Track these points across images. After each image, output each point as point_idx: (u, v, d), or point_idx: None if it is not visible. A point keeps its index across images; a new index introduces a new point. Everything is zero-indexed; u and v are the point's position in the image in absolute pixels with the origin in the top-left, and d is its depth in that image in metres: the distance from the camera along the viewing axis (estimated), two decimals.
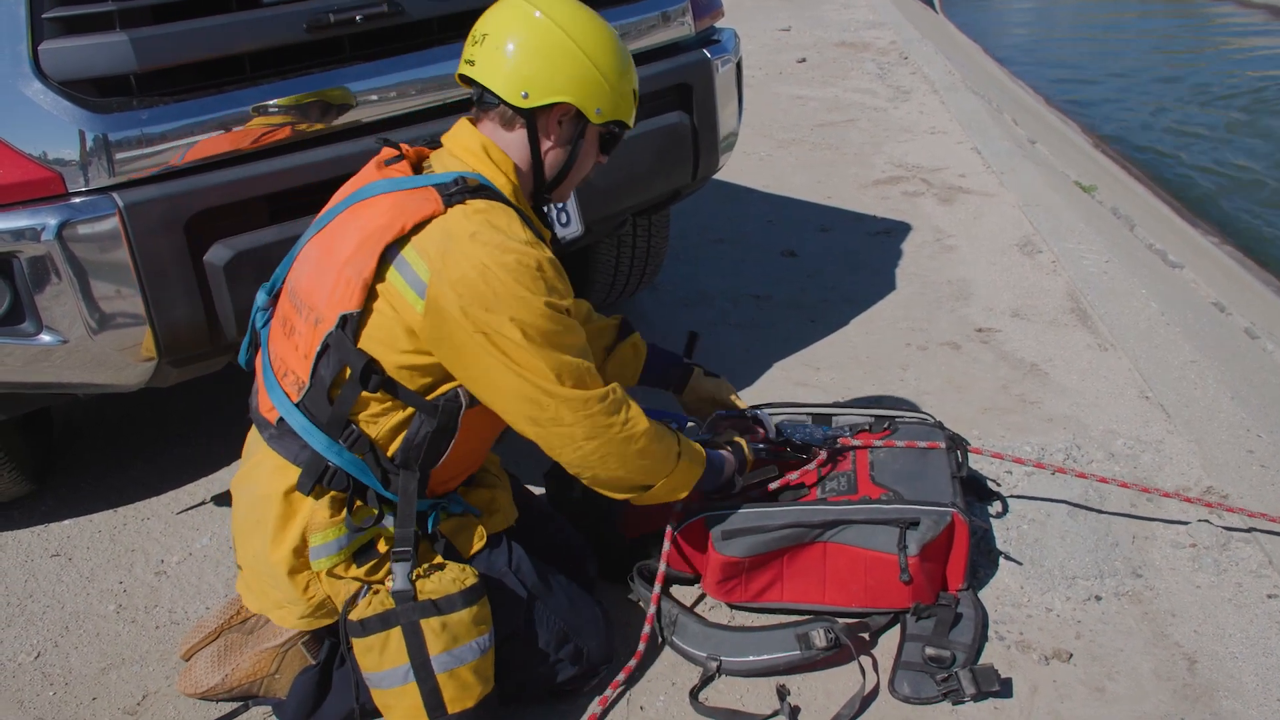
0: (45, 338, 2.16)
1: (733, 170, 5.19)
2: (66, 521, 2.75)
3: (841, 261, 4.23)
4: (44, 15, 2.02)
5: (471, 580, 1.94)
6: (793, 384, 3.30)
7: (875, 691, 2.15)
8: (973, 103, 6.50)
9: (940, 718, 2.09)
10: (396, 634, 1.89)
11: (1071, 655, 2.23)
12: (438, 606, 1.90)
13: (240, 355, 2.17)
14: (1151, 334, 3.57)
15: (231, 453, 3.00)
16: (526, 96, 1.93)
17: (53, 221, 2.05)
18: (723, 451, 2.25)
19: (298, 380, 1.94)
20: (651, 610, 2.21)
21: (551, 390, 1.86)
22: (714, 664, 2.19)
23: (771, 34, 8.29)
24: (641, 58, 2.86)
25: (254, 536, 1.99)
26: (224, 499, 2.82)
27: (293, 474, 1.94)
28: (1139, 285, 3.93)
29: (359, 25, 2.32)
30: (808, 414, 2.67)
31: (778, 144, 5.73)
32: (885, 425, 2.58)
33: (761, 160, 5.49)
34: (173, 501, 2.82)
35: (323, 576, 1.96)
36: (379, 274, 1.85)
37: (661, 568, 2.23)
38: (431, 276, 1.81)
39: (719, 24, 3.23)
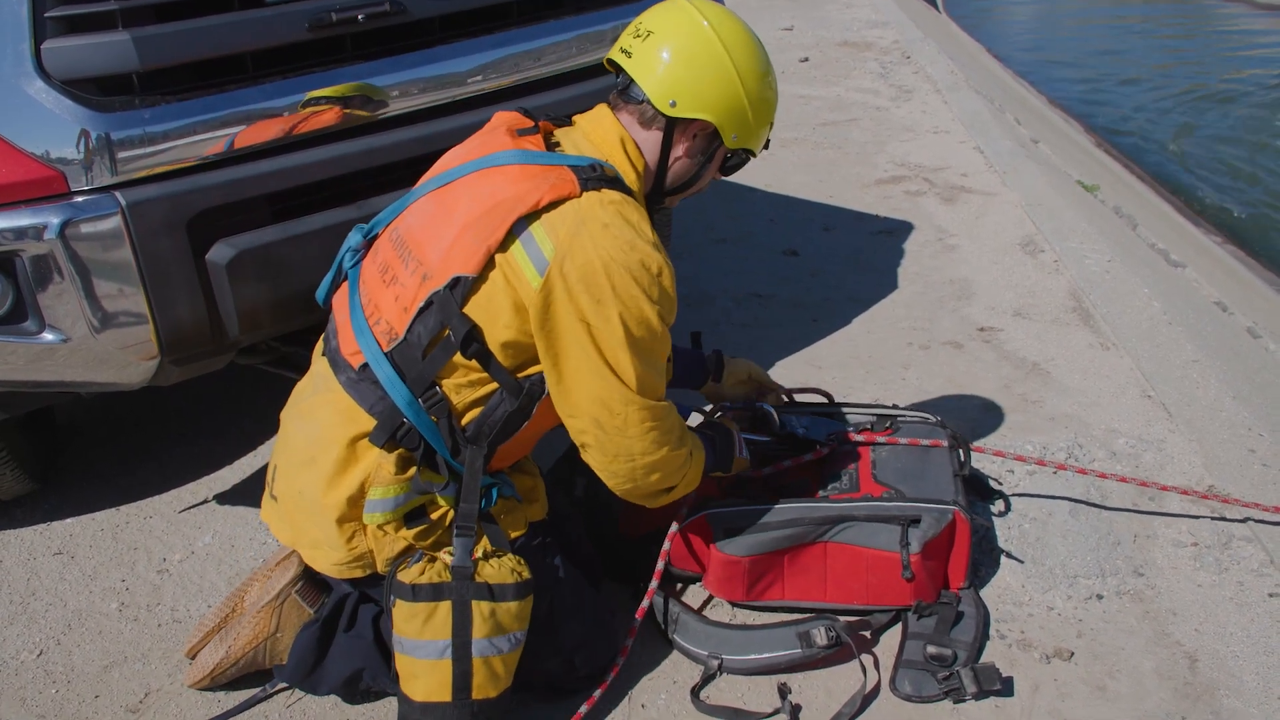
0: (47, 336, 2.16)
1: None
2: (69, 519, 2.76)
3: (844, 261, 4.23)
4: (46, 14, 2.02)
5: (526, 575, 1.96)
6: (795, 383, 3.28)
7: (876, 690, 2.15)
8: (975, 102, 6.50)
9: (942, 716, 2.09)
10: (445, 608, 1.89)
11: (1073, 654, 2.23)
12: (492, 592, 1.91)
13: (319, 292, 2.18)
14: (1154, 333, 3.57)
15: (234, 452, 3.01)
16: (674, 105, 1.95)
17: (55, 220, 2.05)
18: (706, 432, 2.28)
19: (390, 330, 1.94)
20: (644, 604, 2.20)
21: (629, 398, 1.89)
22: (715, 662, 2.19)
23: (774, 33, 8.29)
24: None
25: (305, 473, 1.98)
26: (226, 497, 2.83)
27: (362, 422, 1.94)
28: (1141, 285, 3.93)
29: (361, 25, 2.32)
30: (811, 411, 2.67)
31: (780, 143, 5.73)
32: (887, 423, 2.58)
33: (763, 159, 5.48)
34: (175, 500, 2.83)
35: (370, 530, 1.95)
36: (503, 244, 1.85)
37: (660, 565, 2.23)
38: (555, 256, 1.82)
39: None
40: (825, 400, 2.70)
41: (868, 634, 2.25)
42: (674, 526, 2.27)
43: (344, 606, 2.14)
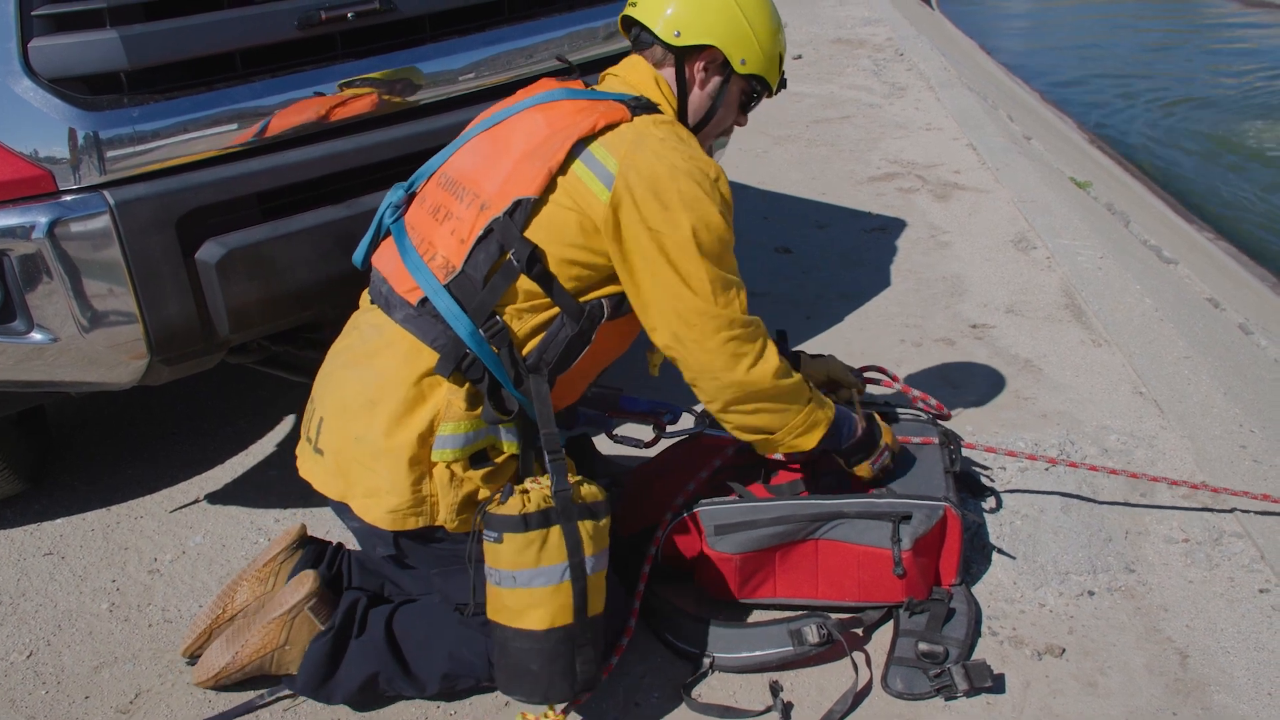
0: (36, 336, 2.15)
1: (728, 167, 5.19)
2: (59, 520, 2.75)
3: (837, 258, 4.23)
4: (34, 12, 2.01)
5: (605, 493, 1.99)
6: None
7: (868, 687, 2.15)
8: (968, 99, 6.50)
9: (933, 714, 2.09)
10: (556, 532, 1.89)
11: (1064, 650, 2.23)
12: (591, 511, 1.93)
13: (357, 254, 2.20)
14: (1145, 330, 3.57)
15: (225, 452, 3.01)
16: (679, 35, 2.08)
17: (43, 219, 2.04)
18: (854, 414, 2.28)
19: (447, 264, 1.97)
20: (635, 605, 2.21)
21: (702, 309, 1.96)
22: (707, 660, 2.19)
23: None
24: None
25: (362, 417, 1.96)
26: (217, 497, 2.82)
27: (426, 358, 1.95)
28: (1133, 281, 3.94)
29: (351, 23, 2.32)
30: None
31: (773, 140, 5.73)
32: None
33: (757, 157, 5.49)
34: (166, 500, 2.82)
35: (437, 473, 1.95)
36: (563, 166, 1.93)
37: (651, 552, 2.23)
38: (620, 168, 1.92)
39: None
40: (887, 377, 2.69)
41: (859, 631, 2.25)
42: (665, 523, 2.27)
43: (354, 615, 2.13)
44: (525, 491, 1.92)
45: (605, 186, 1.91)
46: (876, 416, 2.36)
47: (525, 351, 1.98)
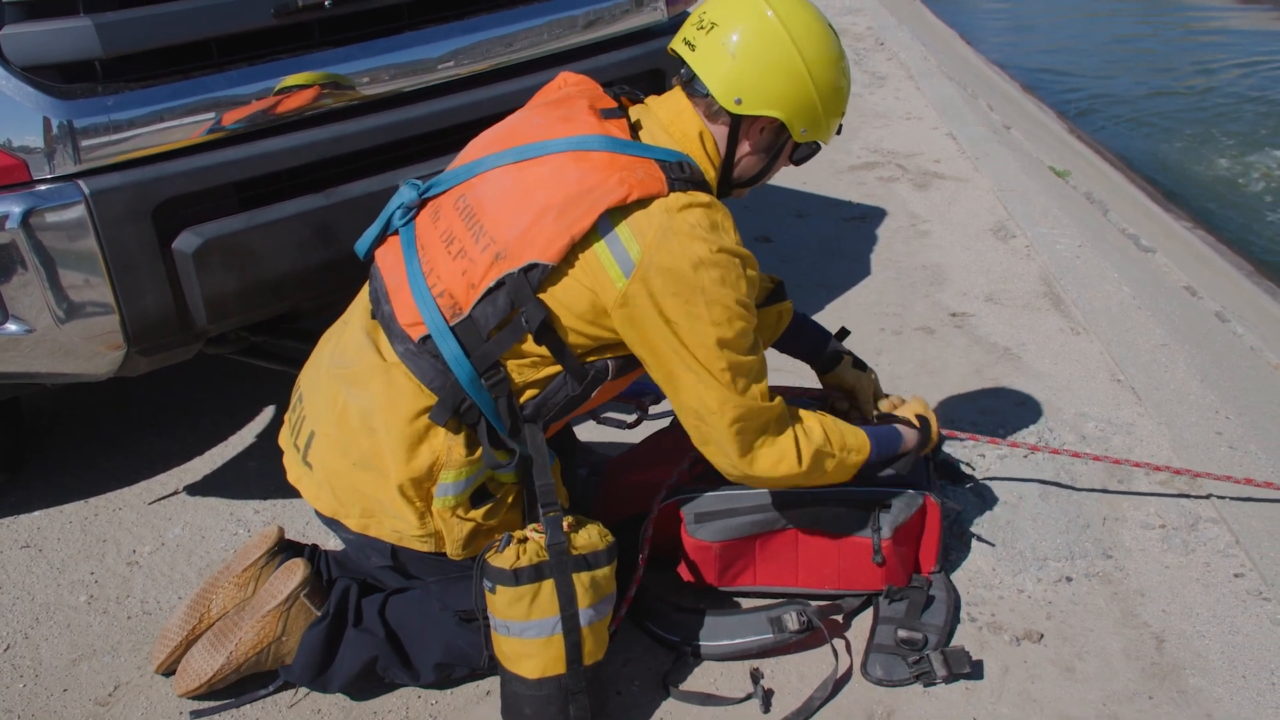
0: (11, 327, 2.14)
1: None
2: (37, 512, 2.73)
3: (817, 247, 4.23)
4: None
5: (610, 539, 1.97)
6: (768, 369, 3.30)
7: (848, 674, 2.16)
8: (948, 88, 6.52)
9: (912, 699, 2.11)
10: (548, 586, 1.89)
11: (1042, 636, 2.25)
12: (588, 561, 1.92)
13: (361, 245, 2.10)
14: (1123, 318, 3.60)
15: (203, 443, 2.99)
16: (739, 103, 1.91)
17: (17, 209, 2.03)
18: (901, 429, 2.24)
19: (454, 304, 1.89)
20: (632, 591, 2.21)
21: (725, 398, 1.89)
22: (687, 648, 2.20)
23: None
24: (613, 43, 2.85)
25: (362, 444, 1.94)
26: (196, 489, 2.81)
27: (422, 397, 1.91)
28: (1111, 269, 3.96)
29: (328, 10, 2.30)
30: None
31: None
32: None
33: None
34: (144, 491, 2.80)
35: (437, 512, 1.93)
36: (586, 237, 1.81)
37: (642, 562, 2.22)
38: (642, 259, 1.80)
39: (691, 10, 3.22)
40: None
41: (839, 618, 2.26)
42: (651, 515, 2.27)
43: (348, 602, 2.12)
44: (523, 541, 1.92)
45: (623, 274, 1.80)
46: (931, 422, 2.31)
47: (522, 400, 1.94)
